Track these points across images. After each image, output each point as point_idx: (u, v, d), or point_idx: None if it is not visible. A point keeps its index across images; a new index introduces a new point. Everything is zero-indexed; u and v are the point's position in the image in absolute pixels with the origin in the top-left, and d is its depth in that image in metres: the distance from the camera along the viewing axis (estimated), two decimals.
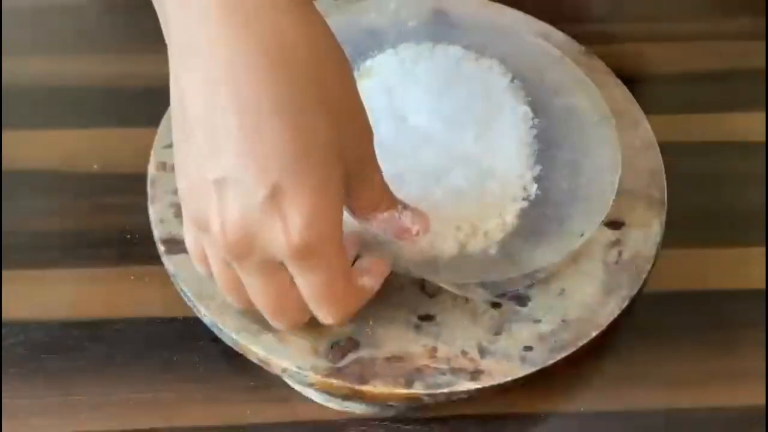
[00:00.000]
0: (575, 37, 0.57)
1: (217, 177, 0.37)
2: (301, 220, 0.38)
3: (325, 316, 0.42)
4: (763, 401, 0.50)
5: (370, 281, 0.44)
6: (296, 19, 0.38)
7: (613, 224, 0.50)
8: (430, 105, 0.51)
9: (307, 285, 0.40)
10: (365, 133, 0.41)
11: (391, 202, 0.44)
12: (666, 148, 0.53)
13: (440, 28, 0.55)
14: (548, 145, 0.51)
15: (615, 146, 0.50)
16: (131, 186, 0.53)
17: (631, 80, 0.56)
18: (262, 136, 0.37)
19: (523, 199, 0.49)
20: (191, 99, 0.38)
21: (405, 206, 0.44)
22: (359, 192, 0.42)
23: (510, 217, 0.49)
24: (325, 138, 0.38)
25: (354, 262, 0.44)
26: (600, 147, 0.50)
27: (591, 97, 0.52)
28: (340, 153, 0.39)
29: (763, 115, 0.60)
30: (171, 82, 0.39)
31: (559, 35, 0.57)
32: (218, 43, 0.37)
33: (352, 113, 0.40)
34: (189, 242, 0.42)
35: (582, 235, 0.47)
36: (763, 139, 0.59)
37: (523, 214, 0.49)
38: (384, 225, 0.44)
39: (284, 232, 0.38)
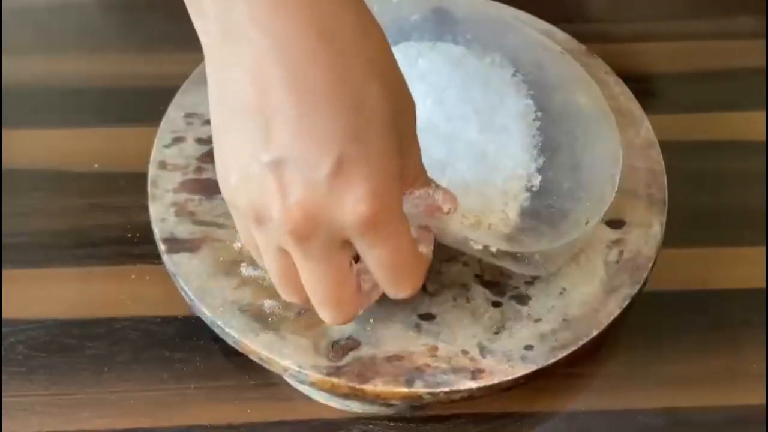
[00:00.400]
0: (576, 36, 0.58)
1: (274, 159, 0.37)
2: (369, 189, 0.37)
3: (402, 288, 0.41)
4: (764, 401, 0.50)
5: (426, 248, 0.43)
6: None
7: (614, 223, 0.50)
8: (433, 98, 0.51)
9: (379, 257, 0.39)
10: (409, 104, 0.41)
11: (426, 179, 0.43)
12: (667, 148, 0.53)
13: (442, 23, 0.55)
14: (550, 139, 0.51)
15: (615, 140, 0.50)
16: (132, 185, 0.54)
17: (631, 79, 0.56)
18: (320, 113, 0.36)
19: (527, 191, 0.49)
20: (240, 85, 0.37)
21: (437, 185, 0.44)
22: (404, 166, 0.41)
23: (514, 210, 0.49)
24: (382, 108, 0.38)
25: None
26: (600, 141, 0.50)
27: (591, 93, 0.52)
28: (394, 122, 0.38)
29: (764, 114, 0.60)
30: (210, 73, 0.38)
31: (560, 34, 0.57)
32: (267, 27, 0.36)
33: (398, 85, 0.40)
34: (246, 240, 0.42)
35: (587, 222, 0.47)
36: (764, 138, 0.59)
37: (527, 206, 0.49)
38: (418, 202, 0.43)
39: (353, 204, 0.37)
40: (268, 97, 0.36)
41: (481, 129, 0.50)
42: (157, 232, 0.49)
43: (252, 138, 0.37)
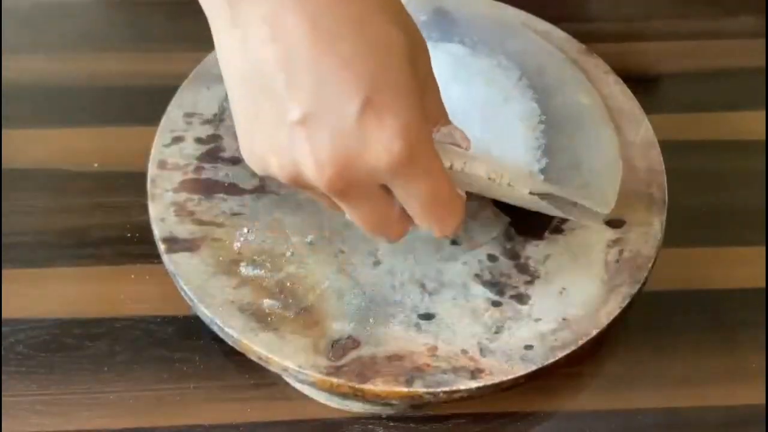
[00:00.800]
0: (576, 35, 0.57)
1: (300, 116, 0.36)
2: (399, 127, 0.37)
3: (447, 224, 0.41)
4: (764, 401, 0.50)
5: (457, 188, 0.43)
6: None
7: (614, 223, 0.50)
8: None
9: (416, 196, 0.39)
10: (424, 44, 0.40)
11: (447, 117, 0.43)
12: (667, 147, 0.53)
13: (444, 25, 0.55)
14: (552, 142, 0.51)
15: (615, 143, 0.50)
16: (131, 185, 0.53)
17: (631, 79, 0.56)
18: (344, 56, 0.36)
19: (530, 193, 0.49)
20: (258, 41, 0.36)
21: (454, 125, 0.44)
22: (429, 102, 0.41)
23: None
24: (402, 46, 0.38)
25: None
26: (600, 143, 0.50)
27: (591, 97, 0.52)
28: (415, 62, 0.38)
29: (764, 113, 0.60)
30: (220, 38, 0.38)
31: (559, 33, 0.57)
32: None
33: (412, 26, 0.40)
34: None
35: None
36: (764, 137, 0.59)
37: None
38: (443, 139, 0.43)
39: (385, 144, 0.37)
40: (288, 49, 0.36)
41: (484, 128, 0.51)
42: (157, 231, 0.48)
43: (275, 100, 0.37)
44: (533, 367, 0.45)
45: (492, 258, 0.48)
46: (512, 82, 0.53)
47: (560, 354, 0.45)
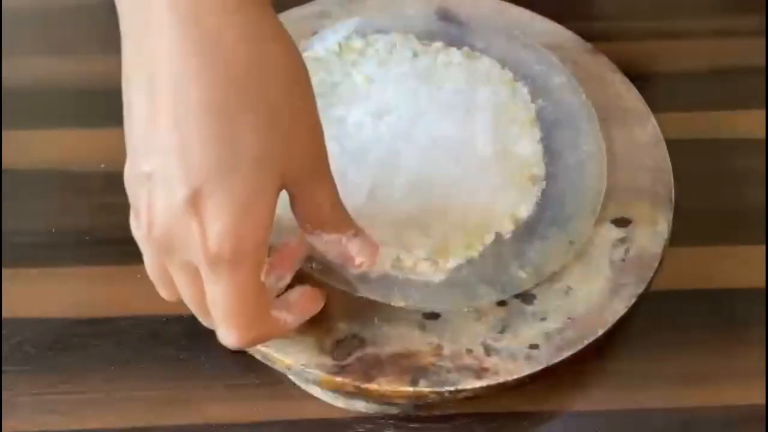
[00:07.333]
0: (582, 34, 0.57)
1: (148, 171, 0.37)
2: (219, 229, 0.37)
3: (222, 334, 0.40)
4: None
5: (289, 318, 0.43)
6: (243, 19, 0.37)
7: (620, 222, 0.50)
8: (435, 92, 0.52)
9: (212, 295, 0.39)
10: (312, 146, 0.39)
11: (339, 224, 0.42)
12: (673, 146, 0.53)
13: (444, 27, 0.55)
14: (553, 143, 0.51)
15: (602, 148, 0.50)
16: None
17: (637, 78, 0.56)
18: (190, 139, 0.36)
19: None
20: (135, 88, 0.37)
21: (357, 232, 0.43)
22: (302, 206, 0.41)
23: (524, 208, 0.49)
24: (257, 148, 0.37)
25: (287, 289, 0.44)
26: (591, 146, 0.51)
27: (579, 98, 0.53)
28: (275, 164, 0.38)
29: None
30: (124, 49, 0.38)
31: (565, 33, 0.57)
32: (160, 42, 0.36)
33: (297, 123, 0.39)
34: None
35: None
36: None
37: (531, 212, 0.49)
38: (328, 247, 0.43)
39: (200, 238, 0.37)
40: (151, 109, 0.37)
41: (488, 140, 0.51)
42: None
43: (139, 144, 0.38)
44: (538, 367, 0.45)
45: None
46: (514, 84, 0.53)
47: (565, 353, 0.45)
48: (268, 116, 0.37)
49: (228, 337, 0.40)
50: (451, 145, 0.50)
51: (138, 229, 0.39)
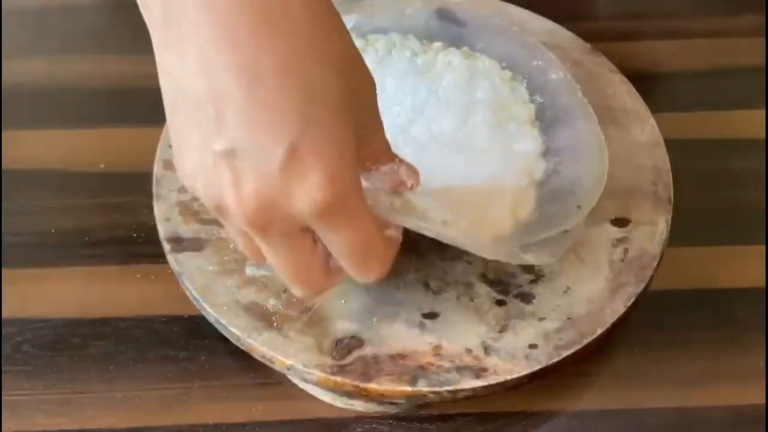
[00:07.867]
0: (581, 34, 0.57)
1: (226, 149, 0.36)
2: (324, 176, 0.36)
3: (367, 273, 0.40)
4: None
5: (395, 232, 0.42)
6: None
7: (619, 222, 0.50)
8: (434, 91, 0.52)
9: (341, 243, 0.39)
10: (369, 83, 0.40)
11: (391, 154, 0.43)
12: (672, 146, 0.53)
13: (444, 27, 0.55)
14: (553, 142, 0.51)
15: (603, 145, 0.50)
16: (137, 185, 0.54)
17: (637, 78, 0.56)
18: (269, 101, 0.35)
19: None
20: (186, 72, 0.36)
21: (401, 160, 0.44)
22: (365, 143, 0.40)
23: (523, 207, 0.49)
24: (336, 90, 0.37)
25: None
26: (590, 144, 0.51)
27: (577, 96, 0.53)
28: (349, 105, 0.38)
29: None
30: (157, 58, 0.37)
31: (565, 33, 0.57)
32: (210, 11, 0.35)
33: (354, 64, 0.39)
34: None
35: (579, 207, 0.47)
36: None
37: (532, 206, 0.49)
38: (384, 178, 0.43)
39: (308, 192, 0.36)
40: (216, 85, 0.35)
41: (488, 136, 0.51)
42: (162, 231, 0.49)
43: (203, 127, 0.36)
44: (538, 367, 0.45)
45: None
46: (512, 83, 0.53)
47: (565, 353, 0.45)
48: (333, 61, 0.37)
49: (372, 272, 0.40)
50: (449, 142, 0.50)
51: (228, 218, 0.38)
